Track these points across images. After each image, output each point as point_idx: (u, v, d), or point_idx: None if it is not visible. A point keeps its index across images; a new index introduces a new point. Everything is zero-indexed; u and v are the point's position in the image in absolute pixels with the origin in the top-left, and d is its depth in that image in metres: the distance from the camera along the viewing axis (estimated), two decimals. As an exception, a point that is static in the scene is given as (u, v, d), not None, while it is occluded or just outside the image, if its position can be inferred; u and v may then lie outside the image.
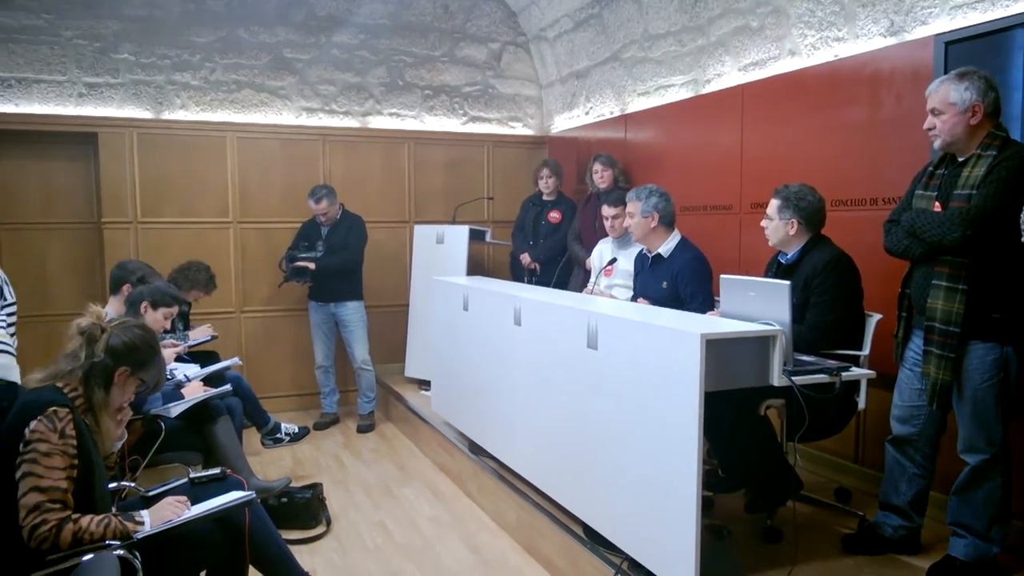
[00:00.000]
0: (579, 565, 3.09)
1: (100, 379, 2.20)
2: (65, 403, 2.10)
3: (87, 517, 2.05)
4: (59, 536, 1.99)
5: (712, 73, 4.68)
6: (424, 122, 6.43)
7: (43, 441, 2.02)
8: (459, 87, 6.52)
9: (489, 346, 4.01)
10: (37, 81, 5.35)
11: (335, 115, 6.16)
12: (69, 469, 2.06)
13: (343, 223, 5.44)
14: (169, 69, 5.65)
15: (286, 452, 5.01)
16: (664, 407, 2.53)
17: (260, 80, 5.91)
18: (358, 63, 6.17)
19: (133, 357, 2.25)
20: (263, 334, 6.00)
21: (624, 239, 4.35)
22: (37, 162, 5.54)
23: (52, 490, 2.00)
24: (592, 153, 5.35)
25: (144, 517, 2.17)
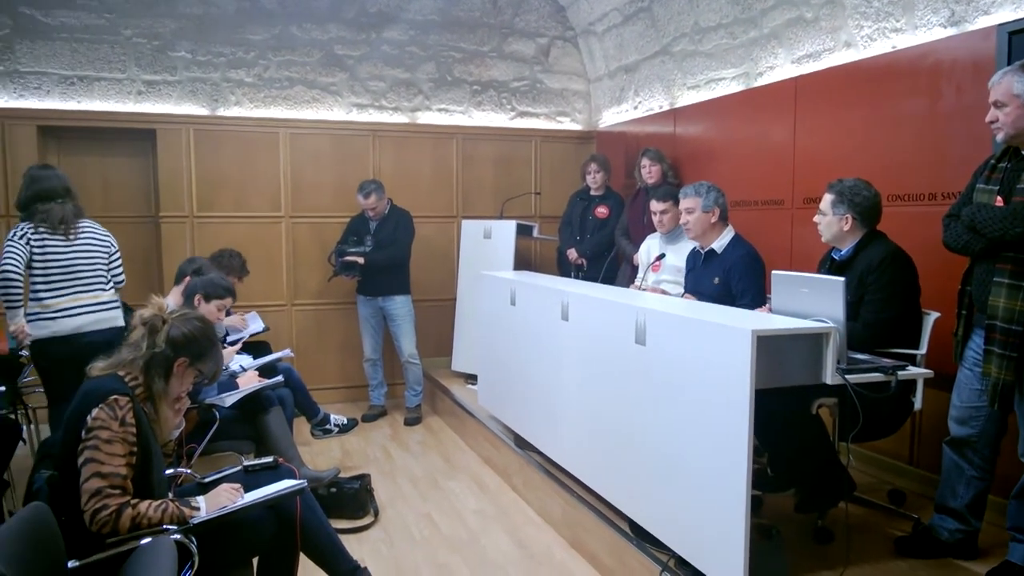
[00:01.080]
0: (625, 561, 3.08)
1: (160, 369, 2.26)
2: (126, 392, 2.16)
3: (145, 502, 2.11)
4: (119, 521, 2.05)
5: (764, 66, 4.60)
6: (472, 117, 6.46)
7: (104, 428, 2.08)
8: (507, 82, 6.53)
9: (536, 341, 4.02)
10: (98, 79, 5.52)
11: (384, 111, 6.22)
12: (129, 456, 2.12)
13: (391, 218, 5.50)
14: (224, 66, 5.77)
15: (335, 443, 5.08)
16: (713, 404, 2.50)
17: (312, 77, 6.00)
18: (407, 59, 6.22)
19: (192, 348, 2.31)
20: (313, 327, 6.10)
21: (672, 234, 4.31)
22: (98, 158, 5.72)
23: (112, 476, 2.07)
24: (640, 148, 5.31)
25: (200, 503, 2.23)
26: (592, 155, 5.72)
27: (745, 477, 2.36)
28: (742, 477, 2.37)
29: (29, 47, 5.37)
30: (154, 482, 2.23)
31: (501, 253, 5.67)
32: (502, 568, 3.36)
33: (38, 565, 1.86)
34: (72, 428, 2.12)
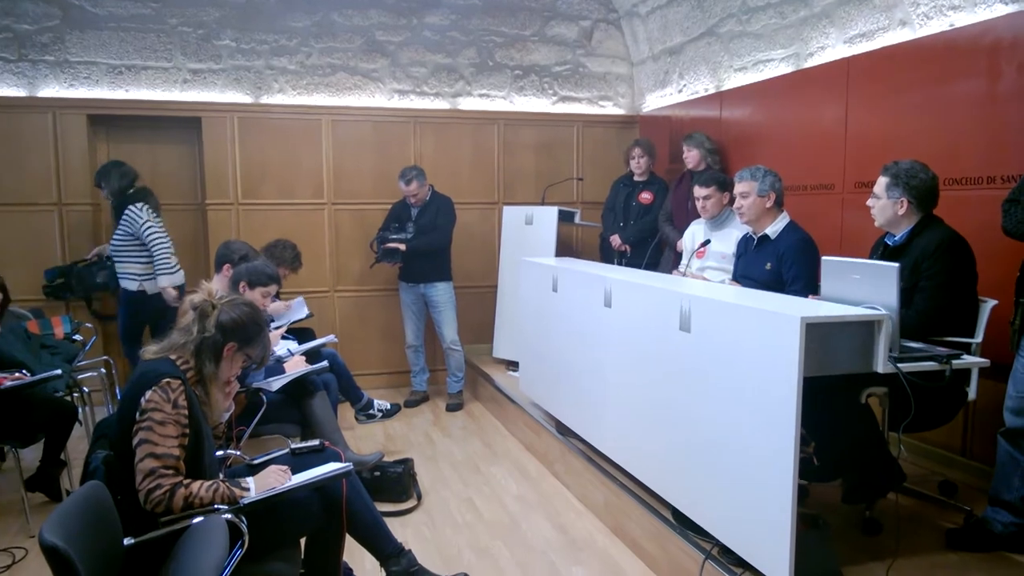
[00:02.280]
0: (667, 549, 3.07)
1: (210, 353, 2.30)
2: (178, 375, 2.21)
3: (197, 483, 2.16)
4: (172, 500, 2.10)
5: (815, 46, 4.50)
6: (514, 103, 6.43)
7: (158, 410, 2.13)
8: (549, 66, 6.49)
9: (578, 327, 4.00)
10: (145, 68, 5.62)
11: (426, 97, 6.23)
12: (181, 437, 2.16)
13: (432, 204, 5.51)
14: (268, 54, 5.83)
15: (378, 428, 5.14)
16: (760, 392, 2.47)
17: (354, 63, 6.03)
18: (449, 44, 6.22)
19: (241, 333, 2.34)
20: (356, 313, 6.16)
21: (717, 220, 4.25)
22: (146, 146, 5.83)
23: (166, 456, 2.11)
24: (685, 132, 5.23)
25: (250, 484, 2.27)
26: (636, 140, 5.65)
27: (792, 466, 2.33)
28: (789, 466, 2.34)
29: (79, 37, 5.48)
30: (205, 463, 2.27)
31: (543, 239, 5.65)
32: (543, 554, 3.37)
33: (96, 542, 1.91)
34: (127, 410, 2.17)
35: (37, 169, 5.45)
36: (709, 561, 2.77)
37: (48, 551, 1.71)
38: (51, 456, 3.87)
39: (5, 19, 5.35)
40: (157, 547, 2.08)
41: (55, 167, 5.48)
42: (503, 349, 5.98)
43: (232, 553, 2.10)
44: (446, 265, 5.60)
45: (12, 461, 3.97)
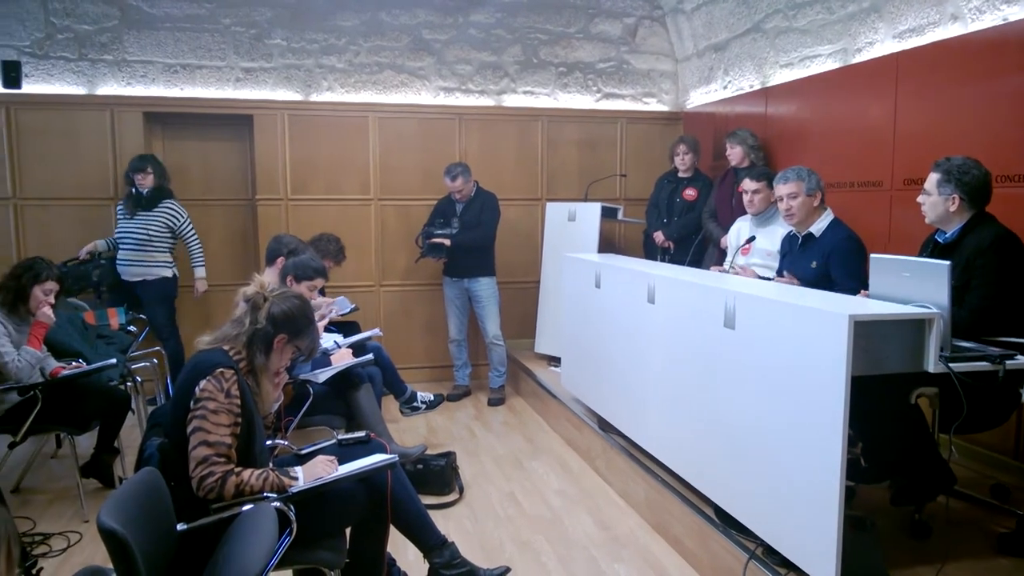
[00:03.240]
0: (710, 547, 3.05)
1: (261, 344, 2.35)
2: (231, 365, 2.26)
3: (248, 471, 2.21)
4: (224, 487, 2.16)
5: (863, 41, 4.41)
6: (558, 99, 6.43)
7: (211, 399, 2.19)
8: (593, 63, 6.47)
9: (621, 323, 4.00)
10: (200, 67, 5.76)
11: (471, 94, 6.27)
12: (233, 426, 2.22)
13: (477, 200, 5.55)
14: (317, 53, 5.92)
15: (421, 421, 5.20)
16: (807, 391, 2.44)
17: (400, 61, 6.09)
18: (494, 42, 6.24)
19: (291, 325, 2.39)
20: (400, 307, 6.23)
21: (763, 216, 4.20)
22: (199, 143, 5.98)
23: (218, 444, 2.17)
24: (729, 129, 5.18)
25: (298, 473, 2.32)
26: (681, 136, 5.61)
27: (839, 467, 2.30)
28: (836, 467, 2.31)
29: (136, 37, 5.64)
30: (256, 452, 2.33)
31: (585, 236, 5.65)
32: (585, 549, 3.38)
33: (151, 527, 1.97)
34: (181, 398, 2.24)
35: (94, 165, 5.62)
36: (753, 561, 2.76)
37: (106, 535, 1.77)
38: (105, 443, 4.00)
39: (66, 20, 5.53)
40: (209, 533, 2.14)
41: (112, 163, 5.65)
42: (545, 345, 5.99)
43: (281, 540, 2.15)
44: (490, 260, 5.63)
45: (68, 448, 4.12)
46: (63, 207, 5.60)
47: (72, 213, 5.62)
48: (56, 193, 5.58)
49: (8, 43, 5.49)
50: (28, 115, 5.52)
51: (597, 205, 5.69)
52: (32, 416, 3.60)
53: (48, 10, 5.52)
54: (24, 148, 5.52)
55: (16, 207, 5.53)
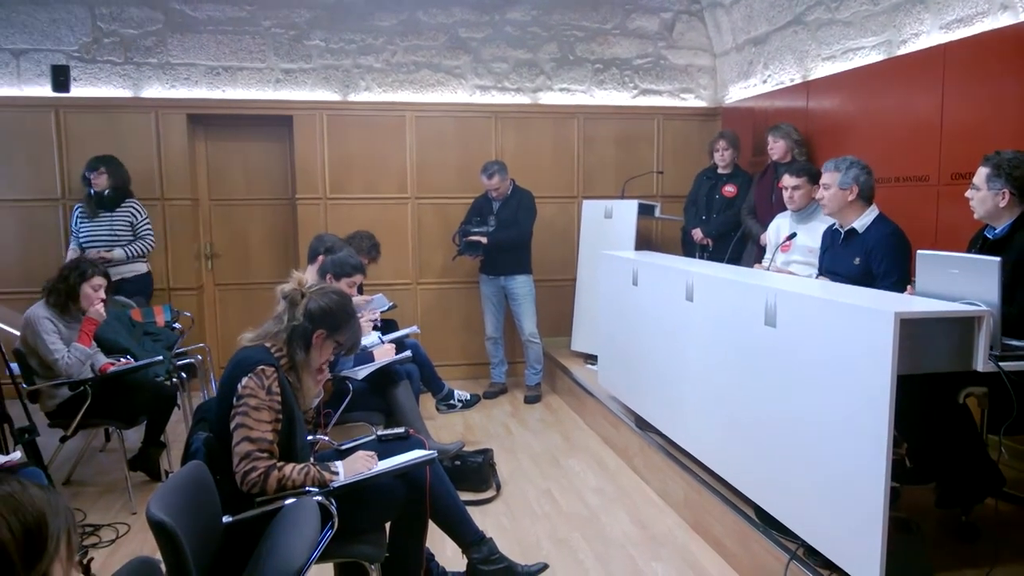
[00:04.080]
0: (750, 547, 3.02)
1: (300, 341, 2.38)
2: (272, 362, 2.30)
3: (290, 466, 2.25)
4: (266, 482, 2.19)
5: (908, 33, 4.32)
6: (594, 96, 6.41)
7: (253, 396, 2.23)
8: (630, 60, 6.44)
9: (659, 321, 3.97)
10: (241, 68, 5.85)
11: (507, 92, 6.27)
12: (275, 423, 2.26)
13: (514, 198, 5.55)
14: (355, 53, 5.98)
15: (458, 418, 5.22)
16: (851, 390, 2.41)
17: (437, 60, 6.12)
18: (530, 39, 6.24)
19: (329, 321, 2.41)
20: (437, 305, 6.27)
21: (804, 213, 4.14)
22: (240, 143, 6.08)
23: (260, 440, 2.21)
24: (769, 124, 5.11)
25: (339, 468, 2.35)
26: (721, 132, 5.55)
27: (885, 467, 2.27)
28: (881, 467, 2.28)
29: (179, 40, 5.75)
30: (297, 447, 2.37)
31: (622, 233, 5.62)
32: (623, 547, 3.37)
33: (198, 519, 2.02)
34: (225, 394, 2.28)
35: (140, 165, 5.73)
36: (794, 562, 2.72)
37: (155, 526, 1.82)
38: (152, 438, 4.08)
39: (112, 24, 5.66)
40: (253, 525, 2.18)
41: (157, 164, 5.77)
42: (581, 342, 5.98)
43: (323, 534, 2.19)
44: (526, 258, 5.64)
45: (116, 442, 4.22)
46: (110, 207, 5.73)
47: (118, 213, 5.75)
48: (103, 193, 5.71)
49: (57, 48, 5.64)
50: (76, 118, 5.66)
51: (634, 202, 5.66)
52: (82, 411, 3.70)
53: (95, 15, 5.65)
54: (73, 150, 5.66)
55: (66, 208, 5.68)
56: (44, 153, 5.63)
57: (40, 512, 0.88)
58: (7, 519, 0.84)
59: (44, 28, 5.62)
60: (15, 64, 5.61)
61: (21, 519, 0.85)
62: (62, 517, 0.90)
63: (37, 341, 3.72)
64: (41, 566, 0.86)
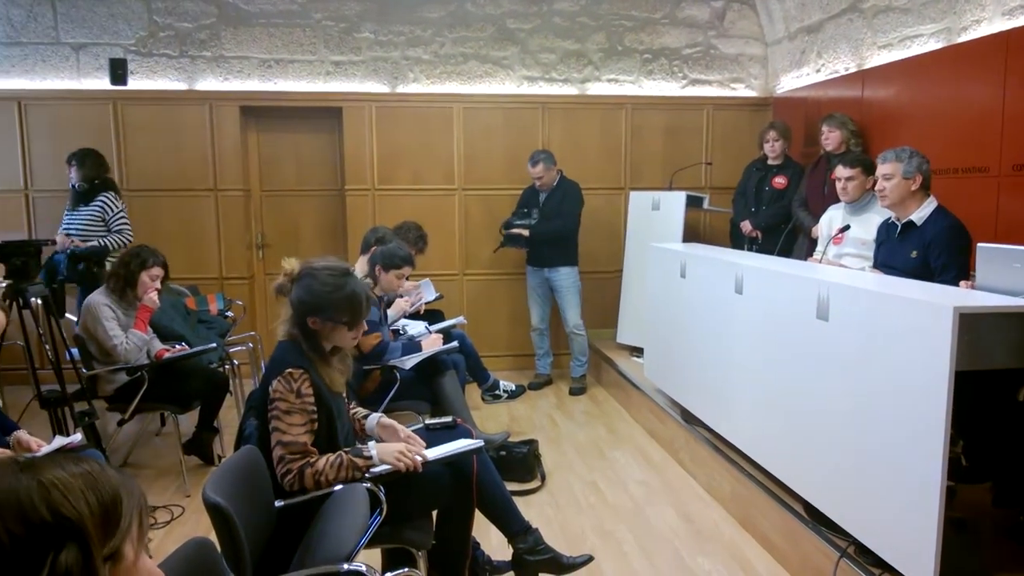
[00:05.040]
0: (799, 544, 2.98)
1: (305, 331, 2.37)
2: (299, 364, 2.29)
3: (323, 459, 2.25)
4: (303, 480, 2.22)
5: (969, 20, 4.19)
6: (642, 87, 6.35)
7: (283, 400, 2.25)
8: (679, 49, 6.36)
9: (707, 314, 3.93)
10: (292, 61, 5.94)
11: (554, 83, 6.25)
12: (309, 423, 2.27)
13: (559, 190, 5.54)
14: (404, 45, 6.02)
15: (503, 409, 5.24)
16: (906, 386, 2.35)
17: (485, 52, 6.13)
18: (578, 30, 6.21)
19: (313, 305, 2.35)
20: (483, 296, 6.30)
21: (858, 205, 4.05)
22: (291, 135, 6.17)
23: (292, 444, 2.23)
24: (822, 114, 5.01)
25: (372, 451, 2.33)
26: (771, 122, 5.46)
27: (940, 465, 2.22)
28: (937, 465, 2.23)
29: (232, 34, 5.86)
30: (340, 440, 2.38)
31: (669, 225, 5.57)
32: (668, 541, 3.35)
33: (251, 502, 2.07)
34: (265, 389, 2.32)
35: (194, 157, 5.88)
36: (844, 560, 2.68)
37: (211, 508, 1.87)
38: (205, 422, 4.19)
39: (168, 18, 5.79)
40: (304, 510, 2.22)
41: (211, 155, 5.90)
42: (627, 335, 5.95)
43: (371, 519, 2.22)
44: (571, 250, 5.62)
45: (171, 426, 4.34)
46: (166, 198, 5.89)
47: (175, 204, 5.90)
48: (159, 184, 5.87)
49: (115, 42, 5.79)
50: (133, 110, 5.81)
51: (682, 194, 5.60)
52: (139, 395, 3.81)
53: (151, 9, 5.79)
54: (130, 142, 5.82)
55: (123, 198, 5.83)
56: (103, 145, 5.77)
57: (115, 491, 0.91)
58: (85, 495, 0.88)
59: (103, 23, 5.77)
60: (75, 58, 5.78)
61: (98, 496, 0.89)
62: (135, 498, 0.94)
63: (97, 327, 3.84)
64: (114, 542, 0.89)
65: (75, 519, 0.86)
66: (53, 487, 0.87)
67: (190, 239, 5.91)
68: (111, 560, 0.89)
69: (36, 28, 5.73)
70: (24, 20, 5.71)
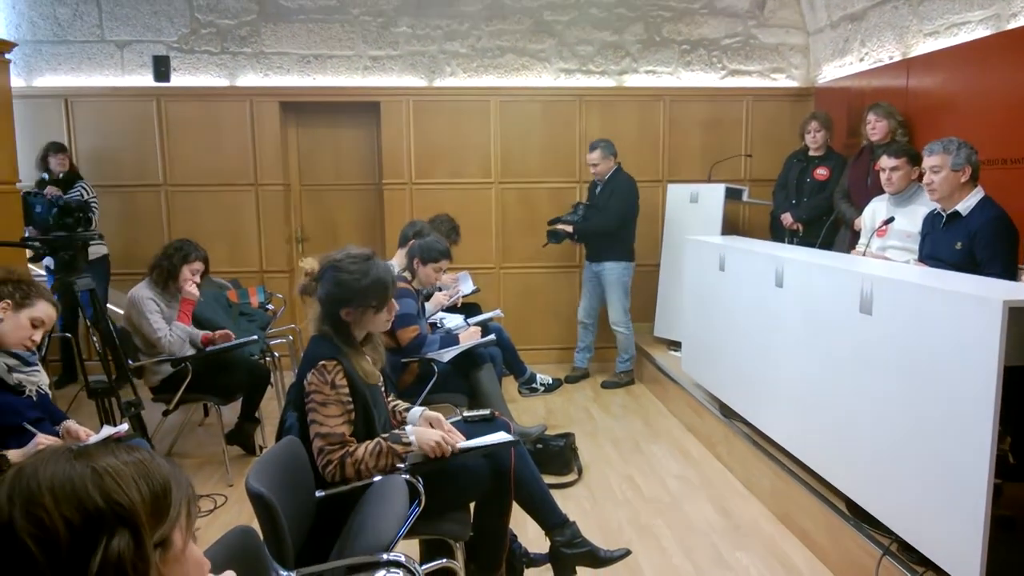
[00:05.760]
0: (840, 541, 2.94)
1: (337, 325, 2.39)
2: (332, 355, 2.31)
3: (362, 447, 2.28)
4: (344, 471, 2.25)
5: (1019, 6, 4.06)
6: (680, 78, 6.28)
7: (318, 392, 2.27)
8: (718, 40, 6.27)
9: (746, 308, 3.89)
10: (331, 56, 5.99)
11: (591, 75, 6.22)
12: (346, 414, 2.29)
13: (611, 183, 5.51)
14: (441, 39, 6.04)
15: (539, 402, 5.24)
16: (953, 381, 2.30)
17: (522, 44, 6.12)
18: (615, 21, 6.16)
19: (343, 296, 2.37)
20: (520, 289, 6.30)
21: (903, 196, 3.96)
22: (330, 130, 6.23)
23: (331, 435, 2.25)
24: (866, 104, 4.90)
25: (410, 436, 2.35)
26: (813, 113, 5.36)
27: (987, 462, 2.18)
28: (984, 462, 2.18)
29: (272, 30, 5.93)
30: (378, 429, 2.40)
31: (708, 218, 5.52)
32: (706, 536, 3.33)
33: (293, 491, 2.10)
34: (301, 382, 2.35)
35: (235, 152, 5.97)
36: (887, 557, 2.64)
37: (254, 497, 1.90)
38: (247, 413, 4.26)
39: (209, 15, 5.88)
40: (344, 500, 2.25)
41: (251, 150, 5.98)
42: (665, 328, 5.91)
43: (410, 510, 2.24)
44: (618, 246, 5.56)
45: (214, 417, 4.43)
46: (208, 193, 5.99)
47: (216, 199, 6.00)
48: (201, 179, 5.97)
49: (158, 39, 5.89)
50: (176, 106, 5.92)
51: (721, 186, 5.54)
52: (183, 387, 3.88)
53: (193, 7, 5.88)
54: (173, 138, 5.93)
55: (166, 193, 5.96)
56: (146, 141, 5.91)
57: (166, 479, 0.94)
58: (137, 483, 0.90)
59: (146, 20, 5.88)
60: (119, 55, 5.90)
61: (149, 484, 0.91)
62: (184, 487, 0.96)
63: (141, 321, 3.92)
64: (164, 529, 0.91)
65: (127, 506, 0.88)
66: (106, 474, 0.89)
67: (231, 233, 6.01)
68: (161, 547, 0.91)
69: (82, 26, 5.86)
70: (71, 19, 5.84)
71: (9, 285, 2.56)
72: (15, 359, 2.57)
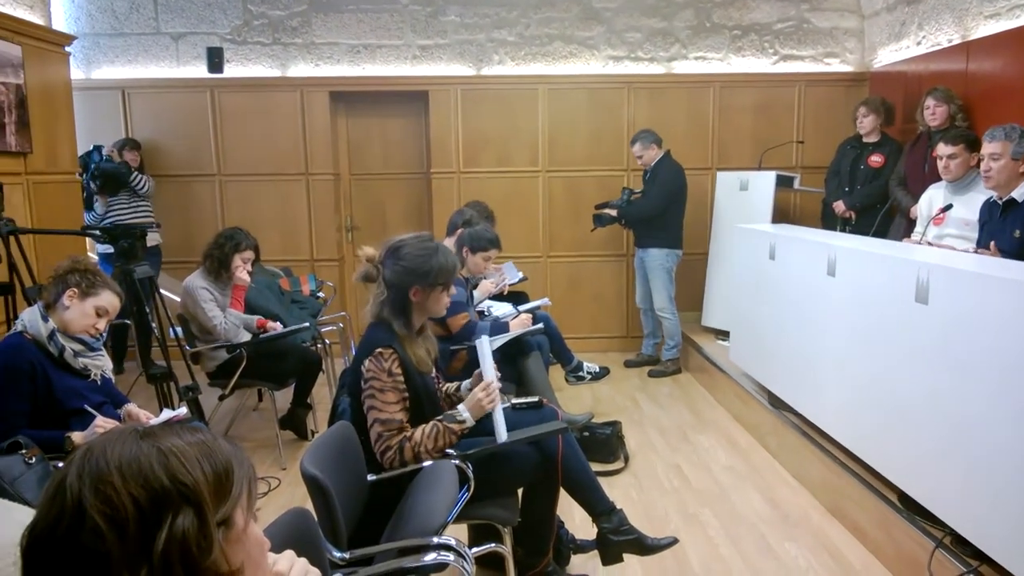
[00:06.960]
0: (892, 534, 2.90)
1: (399, 308, 2.42)
2: (388, 343, 2.36)
3: (419, 430, 2.33)
4: (403, 456, 2.30)
5: (1090, -16, 3.91)
6: (731, 64, 6.19)
7: (376, 379, 2.32)
8: (770, 24, 6.16)
9: (797, 297, 3.83)
10: (380, 46, 6.05)
11: (640, 62, 6.17)
12: (402, 401, 2.34)
13: (656, 170, 5.50)
14: (489, 27, 6.04)
15: (586, 390, 5.24)
16: (1012, 372, 2.25)
17: (570, 32, 6.09)
18: (664, 7, 6.09)
19: (415, 274, 2.40)
20: (567, 278, 6.30)
21: (961, 184, 3.85)
22: (379, 119, 6.30)
23: (389, 422, 2.31)
24: (923, 88, 4.77)
25: (464, 414, 2.39)
26: (865, 98, 5.24)
27: (1047, 456, 2.11)
28: (1044, 455, 2.12)
29: (323, 21, 6.01)
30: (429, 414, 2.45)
31: (758, 206, 5.44)
32: (754, 526, 3.31)
33: (346, 475, 2.16)
34: (357, 368, 2.40)
35: (286, 142, 6.07)
36: (940, 550, 2.59)
37: (309, 480, 1.96)
38: (300, 399, 4.36)
39: (261, 6, 5.99)
40: (395, 484, 2.30)
41: (302, 140, 6.08)
42: (713, 318, 5.86)
43: (460, 495, 2.28)
44: (661, 232, 5.53)
45: (268, 402, 4.53)
46: (260, 183, 6.11)
47: (268, 188, 6.12)
48: (254, 169, 6.09)
49: (211, 31, 6.02)
50: (229, 97, 6.04)
51: (772, 174, 5.46)
52: (238, 372, 3.99)
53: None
54: (226, 128, 6.06)
55: (220, 183, 6.09)
56: (201, 131, 6.04)
57: (228, 460, 0.97)
58: (201, 463, 0.94)
59: (200, 12, 6.00)
60: (175, 47, 6.04)
61: (212, 464, 0.95)
62: (245, 468, 0.99)
63: (196, 310, 4.03)
64: (226, 509, 0.95)
65: (191, 485, 0.91)
66: (171, 454, 0.92)
67: (283, 222, 6.13)
68: (223, 525, 0.94)
69: (138, 19, 6.01)
70: (127, 11, 5.99)
71: (76, 274, 2.66)
72: (80, 344, 2.68)
